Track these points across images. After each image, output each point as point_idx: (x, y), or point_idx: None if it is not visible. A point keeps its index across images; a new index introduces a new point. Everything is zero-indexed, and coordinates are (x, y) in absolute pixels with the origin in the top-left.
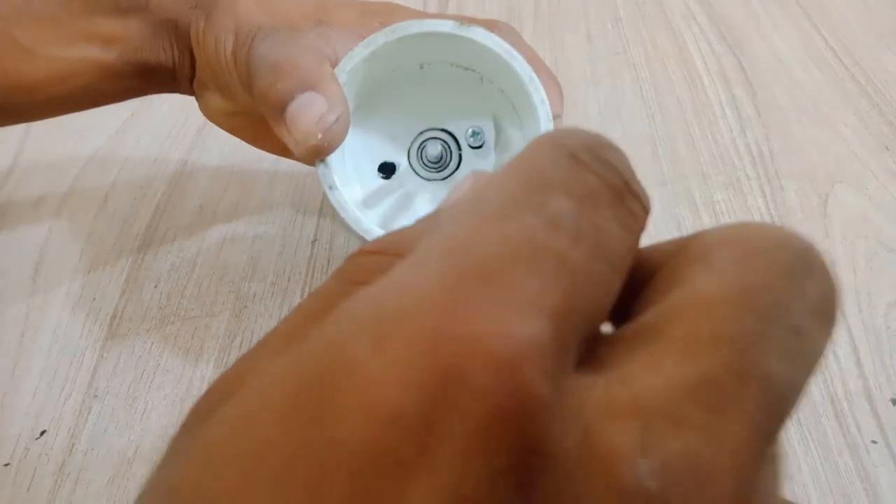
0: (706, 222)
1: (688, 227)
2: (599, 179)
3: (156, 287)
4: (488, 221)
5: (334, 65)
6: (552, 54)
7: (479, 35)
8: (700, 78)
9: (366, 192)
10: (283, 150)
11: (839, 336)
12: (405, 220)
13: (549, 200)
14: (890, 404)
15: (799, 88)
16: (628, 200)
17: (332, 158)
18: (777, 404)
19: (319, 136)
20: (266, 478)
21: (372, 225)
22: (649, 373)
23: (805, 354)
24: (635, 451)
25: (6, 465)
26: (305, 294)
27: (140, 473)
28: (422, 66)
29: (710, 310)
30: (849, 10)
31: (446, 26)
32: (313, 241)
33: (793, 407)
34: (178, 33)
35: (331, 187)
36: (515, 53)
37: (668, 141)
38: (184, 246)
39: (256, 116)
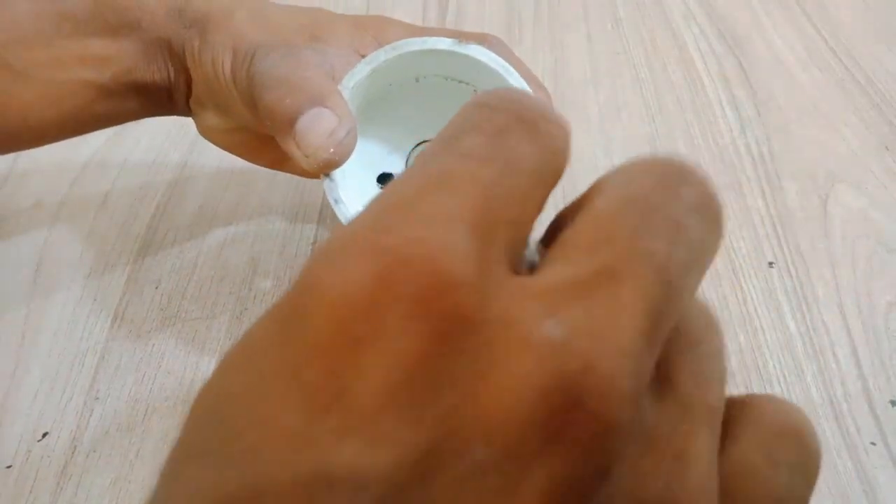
0: None
1: None
2: (509, 116)
3: (156, 289)
4: (411, 171)
5: (331, 79)
6: (552, 55)
7: (476, 52)
8: (700, 78)
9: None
10: (278, 165)
11: (838, 336)
12: None
13: (462, 140)
14: (889, 405)
15: (799, 88)
16: (542, 125)
17: (336, 172)
18: (666, 277)
19: (331, 150)
20: (265, 373)
21: None
22: (557, 269)
23: (690, 243)
24: (543, 314)
25: (8, 467)
26: None
27: (142, 475)
28: (417, 80)
29: (602, 219)
30: (849, 10)
31: (445, 44)
32: (314, 243)
33: (682, 285)
34: (172, 53)
35: (336, 201)
36: (511, 70)
37: (668, 141)
38: (184, 247)
39: (253, 133)
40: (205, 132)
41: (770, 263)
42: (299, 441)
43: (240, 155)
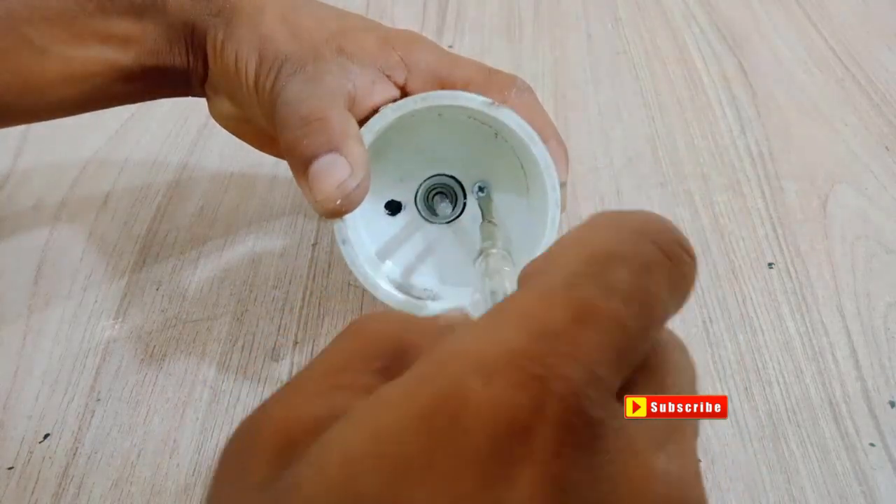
0: (705, 224)
1: (687, 229)
2: (656, 249)
3: (157, 290)
4: (553, 292)
5: (353, 98)
6: (552, 54)
7: (506, 116)
8: (700, 78)
9: (369, 226)
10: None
11: (838, 337)
12: (423, 269)
13: (608, 271)
14: (888, 406)
15: (799, 88)
16: (682, 262)
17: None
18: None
19: (339, 201)
20: (412, 477)
21: (378, 281)
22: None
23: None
24: (653, 447)
25: (10, 468)
26: (307, 298)
27: (143, 477)
28: (440, 114)
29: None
30: (849, 10)
31: (476, 102)
32: (314, 245)
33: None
34: (195, 37)
35: (344, 241)
36: (537, 139)
37: (668, 141)
38: (185, 248)
39: (262, 126)
40: (217, 117)
41: (770, 264)
42: None
43: (249, 143)
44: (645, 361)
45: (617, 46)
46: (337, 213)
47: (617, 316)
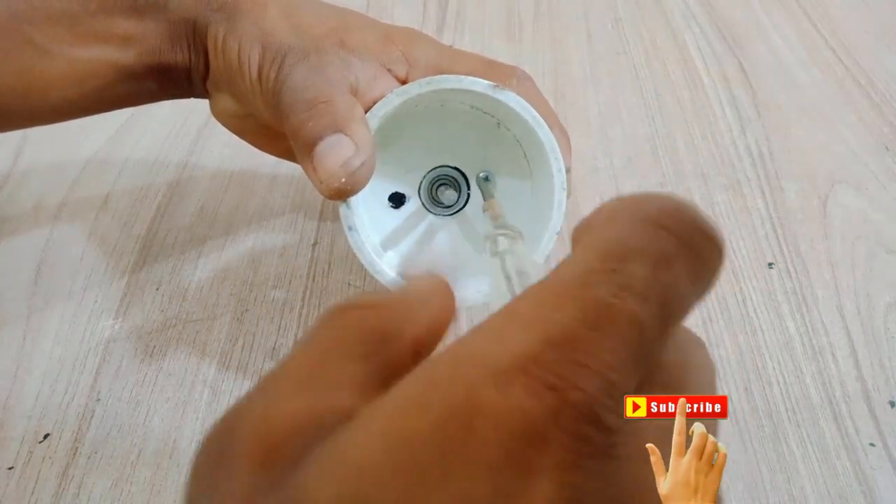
0: None
1: None
2: (677, 240)
3: (157, 290)
4: (567, 291)
5: (356, 91)
6: (552, 54)
7: (510, 99)
8: (700, 78)
9: (373, 218)
10: (287, 155)
11: (838, 337)
12: (427, 260)
13: (625, 267)
14: (888, 406)
15: (799, 88)
16: (706, 250)
17: (352, 199)
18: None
19: (343, 180)
20: (428, 488)
21: (384, 268)
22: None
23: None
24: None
25: (10, 468)
26: (307, 297)
27: (143, 477)
28: (443, 105)
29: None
30: (849, 9)
31: (480, 86)
32: (314, 245)
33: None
34: (196, 34)
35: (350, 228)
36: (541, 121)
37: (668, 141)
38: (185, 248)
39: (264, 121)
40: (218, 115)
41: (770, 264)
42: None
43: (250, 141)
44: (662, 359)
45: (617, 46)
46: (341, 192)
47: (633, 316)
